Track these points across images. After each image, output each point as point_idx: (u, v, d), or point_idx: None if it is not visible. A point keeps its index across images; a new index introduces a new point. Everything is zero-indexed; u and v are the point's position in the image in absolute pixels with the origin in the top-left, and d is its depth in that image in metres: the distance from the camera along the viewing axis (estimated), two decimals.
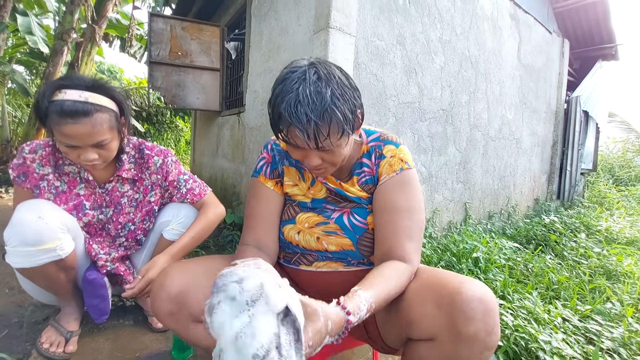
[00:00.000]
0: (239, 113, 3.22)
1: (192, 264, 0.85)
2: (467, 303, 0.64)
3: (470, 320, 0.63)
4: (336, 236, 0.88)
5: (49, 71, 4.79)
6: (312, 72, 0.71)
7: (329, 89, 0.70)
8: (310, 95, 0.68)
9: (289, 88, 0.70)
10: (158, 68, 3.40)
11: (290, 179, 0.94)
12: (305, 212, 0.92)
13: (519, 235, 3.06)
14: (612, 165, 7.26)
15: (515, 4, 3.47)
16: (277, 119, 0.72)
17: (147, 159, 1.21)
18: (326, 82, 0.70)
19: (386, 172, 0.86)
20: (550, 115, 4.39)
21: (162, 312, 0.79)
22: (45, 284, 1.11)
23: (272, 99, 0.73)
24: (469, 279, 0.70)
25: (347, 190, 0.89)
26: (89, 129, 0.96)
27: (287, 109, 0.69)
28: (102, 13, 5.27)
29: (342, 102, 0.71)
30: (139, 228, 1.25)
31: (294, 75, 0.71)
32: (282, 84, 0.72)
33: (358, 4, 2.07)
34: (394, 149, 0.88)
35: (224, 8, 3.91)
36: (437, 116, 2.73)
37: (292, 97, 0.69)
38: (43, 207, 1.01)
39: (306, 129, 0.69)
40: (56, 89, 0.96)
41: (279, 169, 0.94)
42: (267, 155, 0.96)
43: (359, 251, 0.88)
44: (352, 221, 0.88)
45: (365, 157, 0.90)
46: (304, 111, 0.68)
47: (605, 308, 1.58)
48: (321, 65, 0.74)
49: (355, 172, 0.90)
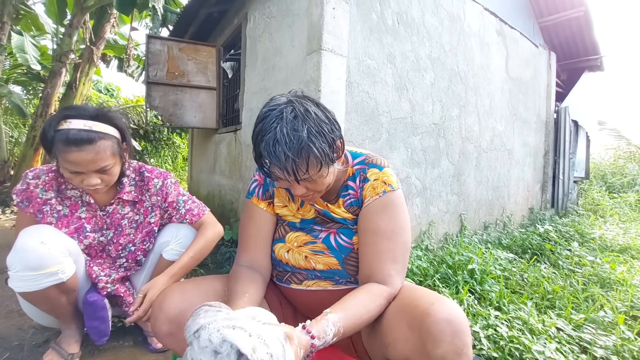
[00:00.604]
0: (236, 130, 3.27)
1: (190, 285, 0.88)
2: (435, 325, 0.65)
3: (438, 342, 0.64)
4: (323, 255, 0.91)
5: (47, 92, 4.85)
6: (289, 110, 0.75)
7: (305, 126, 0.73)
8: (287, 134, 0.72)
9: (268, 127, 0.74)
10: (156, 88, 3.47)
11: (280, 200, 0.97)
12: (294, 231, 0.95)
13: (514, 245, 3.09)
14: (604, 173, 7.37)
15: (501, 20, 3.60)
16: (259, 156, 0.77)
17: (147, 181, 1.25)
18: (302, 120, 0.74)
19: (369, 195, 0.88)
20: (541, 125, 4.49)
21: (161, 333, 0.82)
22: (46, 307, 1.13)
23: (254, 137, 0.78)
24: (441, 299, 0.71)
25: (333, 211, 0.92)
26: (92, 156, 1.01)
27: (266, 148, 0.73)
28: (100, 34, 5.38)
29: (319, 138, 0.74)
30: (139, 249, 1.27)
31: (272, 114, 0.75)
32: (262, 123, 0.76)
33: (349, 26, 2.15)
34: (377, 172, 0.89)
35: (220, 29, 4.02)
36: (429, 130, 2.80)
37: (271, 136, 0.73)
38: (45, 232, 1.04)
39: (285, 167, 0.73)
40: (62, 119, 1.00)
41: (270, 191, 0.98)
42: (259, 177, 1.01)
43: (345, 270, 0.91)
44: (339, 241, 0.91)
45: (350, 179, 0.92)
46: (282, 150, 0.71)
47: (599, 316, 1.61)
48: (298, 102, 0.77)
49: (341, 194, 0.93)
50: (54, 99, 4.88)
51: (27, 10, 5.69)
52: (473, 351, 1.31)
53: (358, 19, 2.22)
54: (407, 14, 2.56)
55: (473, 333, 1.40)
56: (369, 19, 2.29)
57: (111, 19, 5.43)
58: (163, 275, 1.12)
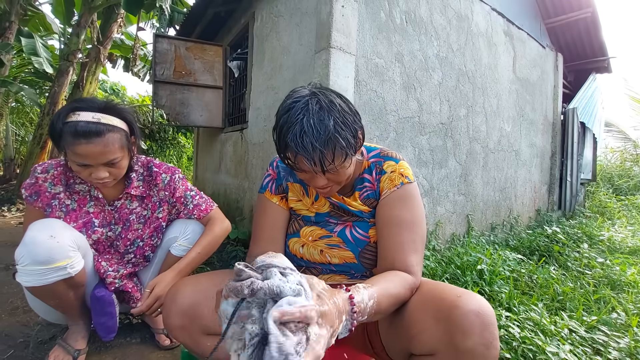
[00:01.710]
0: (242, 129, 3.27)
1: (202, 279, 0.87)
2: (464, 317, 0.64)
3: (467, 334, 0.63)
4: (339, 249, 0.91)
5: (55, 91, 4.88)
6: (315, 102, 0.75)
7: (332, 118, 0.74)
8: (314, 125, 0.72)
9: (294, 119, 0.74)
10: (162, 87, 3.48)
11: (294, 194, 0.97)
12: (309, 225, 0.95)
13: (522, 246, 3.06)
14: (611, 175, 7.29)
15: (508, 21, 3.58)
16: (284, 147, 0.76)
17: (155, 176, 1.24)
18: (328, 111, 0.74)
19: (387, 187, 0.88)
20: (548, 126, 4.46)
21: (173, 326, 0.81)
22: (54, 302, 1.12)
23: (278, 129, 0.77)
24: (467, 292, 0.71)
25: (349, 204, 0.91)
26: (101, 149, 1.00)
27: (294, 140, 0.73)
28: (107, 34, 5.41)
29: (344, 129, 0.75)
30: (147, 244, 1.26)
31: (297, 105, 0.75)
32: (287, 115, 0.75)
33: (357, 25, 2.14)
34: (394, 165, 0.90)
35: (227, 29, 4.03)
36: (437, 130, 2.78)
37: (298, 128, 0.73)
38: (54, 226, 1.03)
39: (312, 157, 0.73)
40: (70, 112, 1.00)
41: (283, 185, 0.98)
42: (272, 172, 1.00)
43: (361, 264, 0.90)
44: (354, 234, 0.90)
45: (366, 172, 0.92)
46: (310, 141, 0.72)
47: (611, 318, 1.58)
48: (322, 94, 0.77)
49: (357, 187, 0.93)
50: (61, 98, 4.91)
51: (34, 11, 5.74)
52: None
53: (367, 18, 2.21)
54: (415, 13, 2.54)
55: None
56: (377, 18, 2.28)
57: (118, 18, 5.46)
58: (170, 271, 1.11)
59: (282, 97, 3.03)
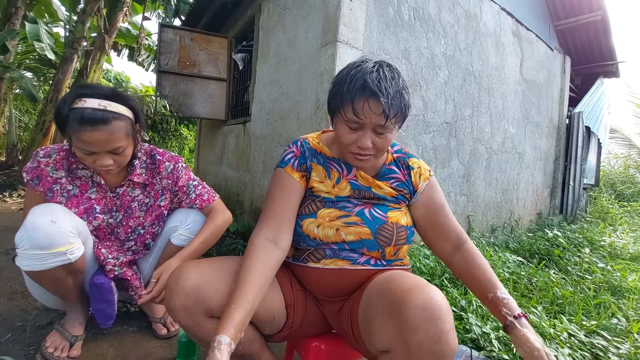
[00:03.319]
0: (245, 122, 3.26)
1: (203, 263, 0.87)
2: (410, 312, 0.64)
3: (414, 329, 0.62)
4: (356, 226, 0.91)
5: (58, 78, 4.87)
6: (385, 64, 0.84)
7: (400, 79, 0.84)
8: (388, 77, 0.81)
9: (369, 69, 0.81)
10: (166, 77, 3.47)
11: (317, 175, 0.97)
12: (327, 207, 0.94)
13: (522, 249, 3.04)
14: (614, 181, 7.25)
15: (517, 21, 3.54)
16: (359, 89, 0.80)
17: (158, 164, 1.23)
18: (397, 74, 0.84)
19: (423, 180, 0.99)
20: (553, 130, 4.43)
21: (176, 307, 0.80)
22: (52, 288, 1.12)
23: (349, 77, 0.82)
24: (418, 284, 0.70)
25: (377, 187, 0.96)
26: (106, 136, 0.99)
27: (372, 81, 0.79)
28: (113, 23, 5.39)
29: (407, 93, 0.85)
30: (148, 232, 1.26)
31: (369, 62, 0.84)
32: (359, 67, 0.83)
33: (365, 19, 2.12)
34: (417, 161, 1.02)
35: (233, 20, 4.00)
36: (441, 129, 2.76)
37: (374, 74, 0.80)
38: (55, 211, 1.02)
39: (384, 101, 0.78)
40: (76, 98, 0.99)
41: (307, 164, 0.97)
42: (296, 149, 0.99)
43: (377, 240, 0.90)
44: (373, 213, 0.93)
45: (393, 164, 1.00)
46: (385, 86, 0.79)
47: (611, 324, 1.57)
48: (388, 62, 0.86)
49: (384, 175, 0.99)
50: (64, 85, 4.90)
51: None
52: (483, 353, 1.28)
53: (374, 13, 2.19)
54: (423, 9, 2.52)
55: (483, 334, 1.37)
56: (385, 13, 2.25)
57: (124, 7, 5.43)
58: (175, 259, 1.11)
59: (286, 91, 2.95)
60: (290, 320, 0.94)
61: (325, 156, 0.98)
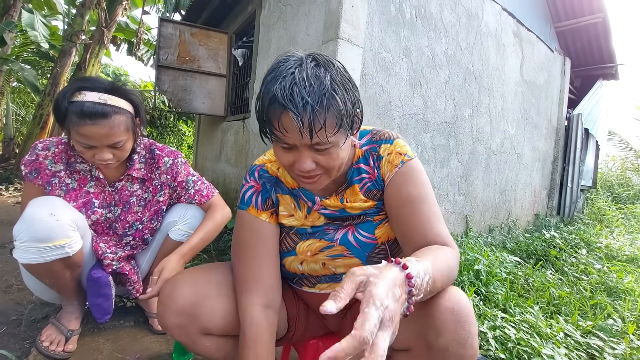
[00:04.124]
0: (244, 119, 3.24)
1: (201, 274, 0.82)
2: (437, 313, 0.61)
3: (440, 332, 0.60)
4: (343, 258, 0.81)
5: (57, 71, 4.83)
6: (310, 59, 0.65)
7: (328, 74, 0.63)
8: (307, 78, 0.61)
9: (284, 72, 0.62)
10: (165, 72, 3.44)
11: (285, 208, 0.84)
12: (305, 240, 0.83)
13: (519, 249, 3.06)
14: (611, 183, 7.29)
15: (518, 22, 3.54)
16: (269, 104, 0.63)
17: (157, 159, 1.23)
18: (325, 69, 0.63)
19: (389, 170, 0.79)
20: (551, 131, 4.44)
21: (170, 324, 0.76)
22: (50, 281, 1.11)
23: (263, 87, 0.65)
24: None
25: (351, 208, 0.81)
26: (106, 130, 0.98)
27: (281, 91, 0.60)
28: (112, 16, 5.35)
29: (342, 91, 0.63)
30: (146, 227, 1.25)
31: (289, 60, 0.64)
32: (275, 71, 0.64)
33: (367, 17, 2.11)
34: (389, 147, 0.80)
35: (233, 16, 3.98)
36: (441, 128, 2.76)
37: (288, 80, 0.61)
38: (55, 204, 1.01)
39: (301, 114, 0.60)
40: (76, 91, 0.98)
41: (272, 198, 0.84)
42: (254, 183, 0.85)
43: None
44: (359, 238, 0.81)
45: (361, 162, 0.82)
46: (300, 94, 0.59)
47: (607, 324, 1.58)
48: (319, 55, 0.66)
49: (353, 180, 0.81)
50: (62, 79, 4.87)
51: None
52: (480, 351, 1.29)
53: (376, 10, 2.18)
54: (425, 8, 2.51)
55: (480, 333, 1.37)
56: (387, 11, 2.25)
57: (124, 1, 5.39)
58: (174, 255, 1.10)
59: None
60: (291, 332, 0.92)
61: (287, 186, 0.84)
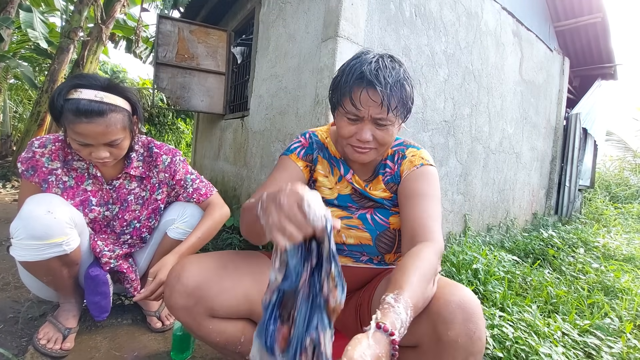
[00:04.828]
0: (243, 117, 3.24)
1: (207, 259, 0.85)
2: (446, 308, 0.64)
3: (449, 325, 0.63)
4: (357, 230, 0.90)
5: (54, 68, 4.80)
6: (387, 55, 0.83)
7: (401, 69, 0.82)
8: (387, 67, 0.79)
9: (369, 59, 0.79)
10: (164, 69, 3.43)
11: (322, 169, 0.97)
12: (330, 206, 0.93)
13: (517, 248, 3.06)
14: (609, 183, 7.32)
15: (517, 21, 3.54)
16: (354, 79, 0.78)
17: (155, 157, 1.22)
18: (399, 64, 0.83)
19: (407, 168, 0.92)
20: (550, 131, 4.44)
21: (177, 306, 0.78)
22: (47, 279, 1.10)
23: (347, 67, 0.81)
24: (451, 283, 0.70)
25: (371, 192, 0.93)
26: (103, 129, 0.98)
27: (369, 71, 0.77)
28: (110, 13, 5.32)
29: (409, 84, 0.83)
30: (144, 226, 1.25)
31: (370, 53, 0.82)
32: (359, 58, 0.81)
33: (366, 15, 2.10)
34: (415, 150, 0.96)
35: (232, 13, 3.96)
36: (440, 127, 2.76)
37: (373, 64, 0.78)
38: (52, 202, 1.01)
39: (384, 90, 0.76)
40: (72, 88, 0.97)
41: (313, 155, 0.97)
42: (304, 140, 0.99)
43: (376, 247, 0.90)
44: (375, 218, 0.91)
45: (388, 159, 0.97)
46: (384, 75, 0.77)
47: (604, 323, 1.58)
48: (393, 54, 0.85)
49: (379, 171, 0.96)
50: (60, 76, 4.84)
51: None
52: None
53: (376, 8, 2.17)
54: (425, 6, 2.50)
55: None
56: (387, 9, 2.24)
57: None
58: (171, 255, 1.09)
59: (285, 86, 2.91)
60: None
61: (330, 153, 0.98)
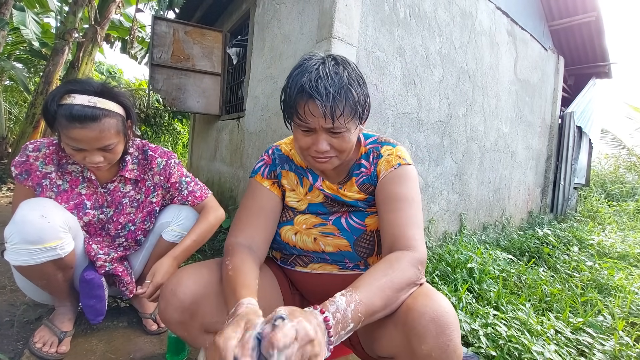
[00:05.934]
0: (239, 118, 3.24)
1: (204, 270, 0.82)
2: (418, 321, 0.62)
3: (422, 338, 0.61)
4: (333, 237, 0.89)
5: (49, 70, 4.77)
6: (330, 59, 0.79)
7: (346, 72, 0.77)
8: (329, 74, 0.75)
9: (310, 68, 0.76)
10: (159, 70, 3.42)
11: (288, 182, 0.95)
12: (303, 214, 0.93)
13: (512, 247, 3.09)
14: (604, 181, 7.36)
15: (512, 21, 3.56)
16: (296, 93, 0.75)
17: (150, 160, 1.22)
18: (343, 67, 0.78)
19: (384, 169, 0.88)
20: (545, 129, 4.47)
21: (172, 320, 0.77)
22: (42, 283, 1.11)
23: (290, 80, 0.78)
24: (426, 293, 0.68)
25: (344, 195, 0.90)
26: (96, 134, 0.98)
27: (309, 83, 0.73)
28: (105, 14, 5.29)
29: (357, 85, 0.78)
30: (139, 228, 1.25)
31: (313, 59, 0.79)
32: (301, 67, 0.78)
33: (360, 16, 2.11)
34: (391, 149, 0.91)
35: (227, 14, 3.96)
36: (435, 127, 2.77)
37: (313, 74, 0.74)
38: (46, 206, 1.01)
39: (324, 103, 0.73)
40: (65, 93, 0.97)
41: (277, 171, 0.96)
42: (267, 157, 0.98)
43: (356, 252, 0.89)
44: (350, 222, 0.89)
45: (363, 158, 0.92)
46: (324, 85, 0.73)
47: (597, 321, 1.60)
48: (337, 56, 0.82)
49: (353, 173, 0.92)
50: (55, 77, 4.81)
51: None
52: (471, 349, 1.30)
53: (370, 9, 2.18)
54: (419, 7, 2.51)
55: (472, 331, 1.39)
56: (381, 10, 2.25)
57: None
58: (166, 258, 1.09)
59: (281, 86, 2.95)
60: None
61: (296, 164, 0.96)
